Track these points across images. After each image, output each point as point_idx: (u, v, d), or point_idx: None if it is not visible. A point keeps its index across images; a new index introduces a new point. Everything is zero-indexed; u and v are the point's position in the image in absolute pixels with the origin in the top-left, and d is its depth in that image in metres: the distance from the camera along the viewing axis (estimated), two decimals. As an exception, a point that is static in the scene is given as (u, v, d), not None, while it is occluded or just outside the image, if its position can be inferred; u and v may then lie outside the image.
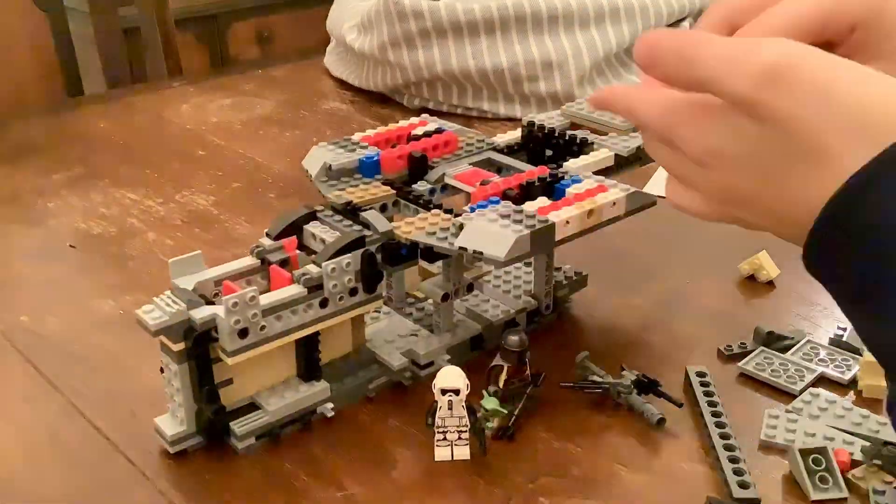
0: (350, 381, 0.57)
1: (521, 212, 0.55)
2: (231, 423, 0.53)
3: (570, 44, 1.04)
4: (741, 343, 0.62)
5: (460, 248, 0.53)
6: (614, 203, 0.57)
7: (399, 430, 0.55)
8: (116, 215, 0.85)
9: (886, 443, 0.50)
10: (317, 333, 0.54)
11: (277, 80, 1.24)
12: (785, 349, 0.62)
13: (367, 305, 0.56)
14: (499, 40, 1.04)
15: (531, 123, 0.69)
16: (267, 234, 0.56)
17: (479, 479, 0.51)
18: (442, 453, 0.52)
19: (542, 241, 0.53)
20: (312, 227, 0.56)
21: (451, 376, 0.51)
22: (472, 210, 0.55)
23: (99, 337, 0.66)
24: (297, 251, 0.56)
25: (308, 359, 0.55)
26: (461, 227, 0.54)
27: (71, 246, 0.80)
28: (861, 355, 0.60)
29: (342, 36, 1.17)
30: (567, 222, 0.54)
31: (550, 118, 0.71)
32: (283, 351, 0.53)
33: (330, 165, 0.63)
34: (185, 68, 1.42)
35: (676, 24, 1.11)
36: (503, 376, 0.54)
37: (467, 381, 0.51)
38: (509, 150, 0.68)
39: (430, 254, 0.56)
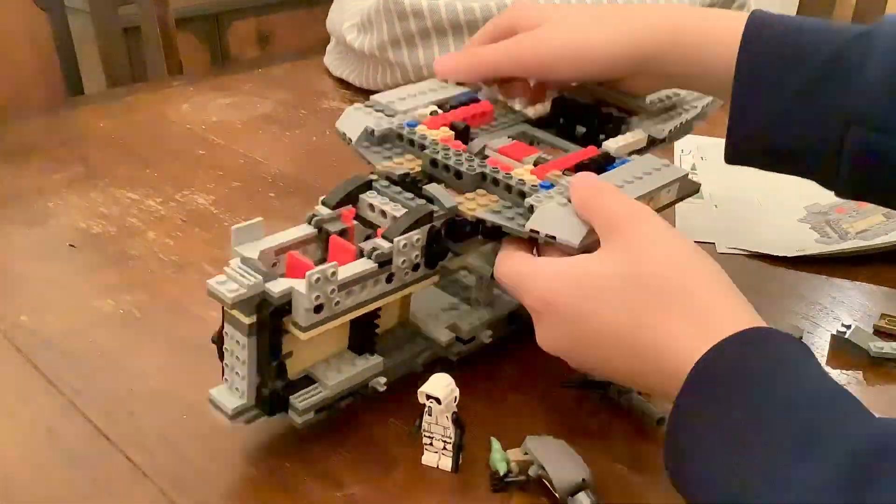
0: (398, 356, 0.56)
1: None
2: (291, 398, 0.52)
3: (571, 43, 1.04)
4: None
5: (532, 231, 0.52)
6: (668, 190, 0.57)
7: (399, 429, 0.55)
8: (116, 215, 0.85)
9: None
10: (378, 308, 0.53)
11: (277, 79, 1.24)
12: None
13: (426, 280, 0.55)
14: (499, 39, 1.04)
15: (562, 98, 0.68)
16: (324, 203, 0.55)
17: (481, 478, 0.51)
18: (429, 458, 0.52)
19: None
20: (370, 198, 0.55)
21: (436, 383, 0.50)
22: (541, 189, 0.55)
23: (99, 336, 0.66)
24: (354, 221, 0.55)
25: (365, 333, 0.54)
26: (531, 208, 0.53)
27: (71, 246, 0.80)
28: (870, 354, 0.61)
29: (342, 35, 1.17)
30: None
31: (574, 95, 0.70)
32: (338, 324, 0.52)
33: (373, 130, 0.62)
34: (185, 68, 1.42)
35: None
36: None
37: (456, 394, 0.50)
38: (539, 123, 0.67)
39: (493, 231, 0.56)
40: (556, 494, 0.49)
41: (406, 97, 0.66)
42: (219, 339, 0.52)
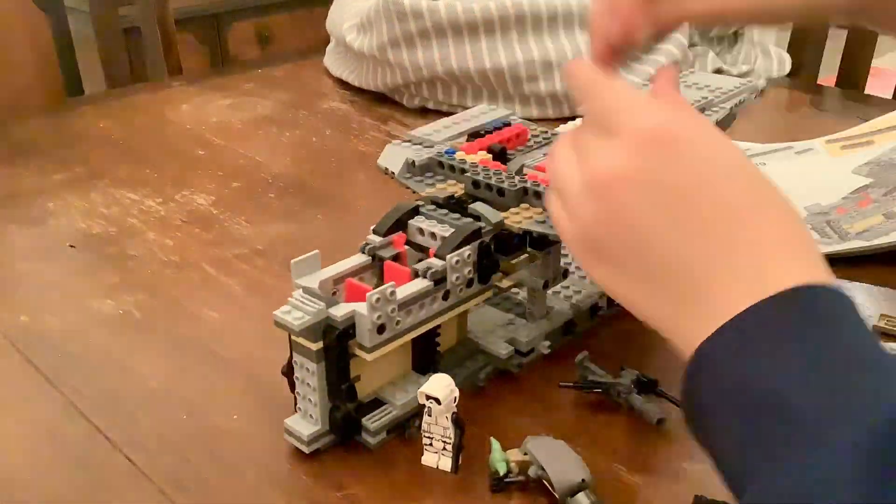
0: (461, 372, 0.57)
1: None
2: (363, 420, 0.53)
3: (570, 44, 1.04)
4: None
5: None
6: None
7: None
8: (116, 215, 0.85)
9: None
10: (437, 326, 0.55)
11: (277, 80, 1.24)
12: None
13: (481, 296, 0.57)
14: (499, 40, 1.04)
15: None
16: (375, 232, 0.56)
17: (481, 479, 0.51)
18: (428, 458, 0.52)
19: None
20: (418, 222, 0.57)
21: (436, 384, 0.50)
22: None
23: (99, 337, 0.66)
24: (406, 246, 0.56)
25: (427, 352, 0.56)
26: None
27: (71, 246, 0.80)
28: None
29: (342, 36, 1.17)
30: None
31: None
32: (401, 346, 0.54)
33: (413, 161, 0.63)
34: (185, 68, 1.42)
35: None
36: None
37: (456, 394, 0.51)
38: None
39: (540, 241, 0.57)
40: (556, 495, 0.49)
41: (441, 129, 0.68)
42: (288, 371, 0.53)
